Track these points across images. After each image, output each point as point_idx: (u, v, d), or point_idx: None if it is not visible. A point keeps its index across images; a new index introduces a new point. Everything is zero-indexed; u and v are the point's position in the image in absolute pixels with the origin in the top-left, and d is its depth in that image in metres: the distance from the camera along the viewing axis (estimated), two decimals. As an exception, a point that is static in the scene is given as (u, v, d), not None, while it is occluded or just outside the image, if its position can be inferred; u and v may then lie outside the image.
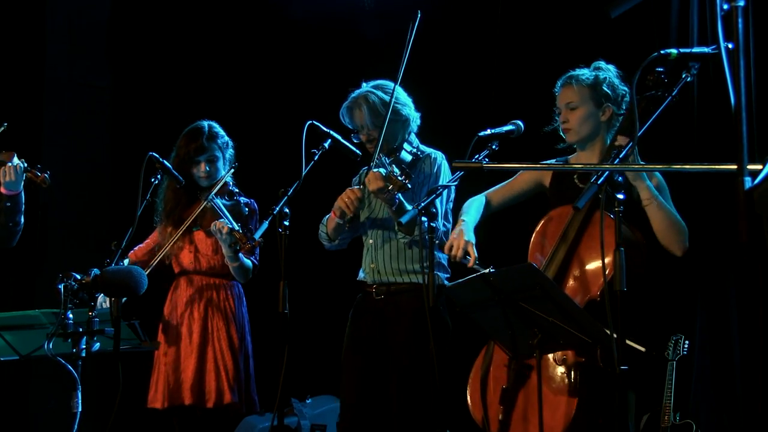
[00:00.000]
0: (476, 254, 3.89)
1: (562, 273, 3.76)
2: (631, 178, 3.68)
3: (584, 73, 4.00)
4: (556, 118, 4.06)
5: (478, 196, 4.19)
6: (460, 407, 4.15)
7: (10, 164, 4.78)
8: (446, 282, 4.35)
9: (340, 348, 4.52)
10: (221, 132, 4.93)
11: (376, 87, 4.48)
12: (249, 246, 4.50)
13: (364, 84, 4.51)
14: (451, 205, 4.43)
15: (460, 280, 3.61)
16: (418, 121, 4.51)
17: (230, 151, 4.94)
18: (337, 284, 4.70)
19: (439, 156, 4.47)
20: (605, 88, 3.95)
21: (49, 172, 4.90)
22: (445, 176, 4.42)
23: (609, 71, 4.00)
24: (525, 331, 3.55)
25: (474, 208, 4.13)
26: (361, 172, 4.73)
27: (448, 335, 4.29)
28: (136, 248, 4.96)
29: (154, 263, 4.74)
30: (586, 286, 3.68)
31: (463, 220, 4.03)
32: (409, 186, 4.08)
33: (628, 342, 3.43)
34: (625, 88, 3.97)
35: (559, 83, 4.05)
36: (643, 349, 3.46)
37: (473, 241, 3.94)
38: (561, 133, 4.06)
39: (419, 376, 4.23)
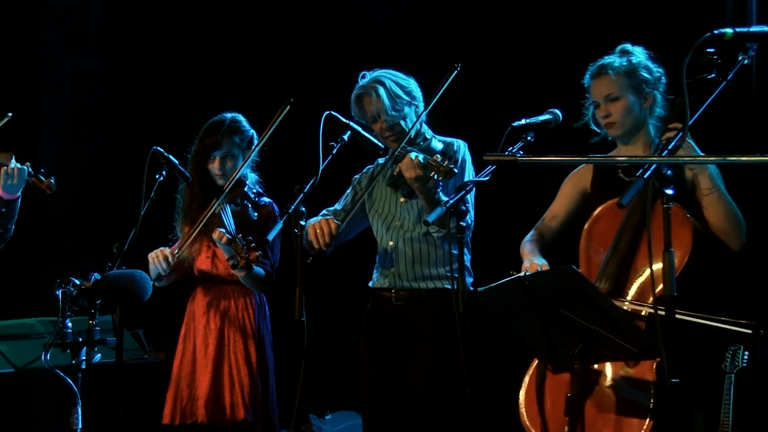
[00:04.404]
0: None
1: (624, 274, 3.73)
2: (691, 165, 3.65)
3: (615, 59, 3.96)
4: (586, 112, 4.02)
5: (528, 234, 4.17)
6: (490, 420, 4.13)
7: (13, 165, 4.79)
8: (471, 287, 4.33)
9: (359, 359, 4.51)
10: (245, 126, 4.89)
11: (383, 72, 4.48)
12: (244, 261, 4.45)
13: (366, 73, 4.49)
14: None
15: (493, 284, 3.58)
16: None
17: (253, 147, 4.90)
18: (358, 290, 4.67)
19: (462, 144, 4.46)
20: (643, 73, 3.91)
21: (54, 178, 4.91)
22: (469, 166, 4.42)
23: (639, 54, 3.97)
24: (564, 340, 3.52)
25: (529, 244, 4.11)
26: (365, 170, 4.70)
27: (473, 344, 4.27)
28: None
29: (173, 262, 4.74)
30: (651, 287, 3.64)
31: (528, 252, 4.02)
32: (456, 171, 4.05)
33: (724, 326, 3.41)
34: (660, 70, 3.94)
35: (588, 74, 4.02)
36: (749, 331, 3.42)
37: (546, 262, 3.92)
38: (594, 128, 4.02)
39: (445, 387, 4.24)
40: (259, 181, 4.96)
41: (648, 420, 3.54)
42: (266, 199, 4.87)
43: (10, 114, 4.88)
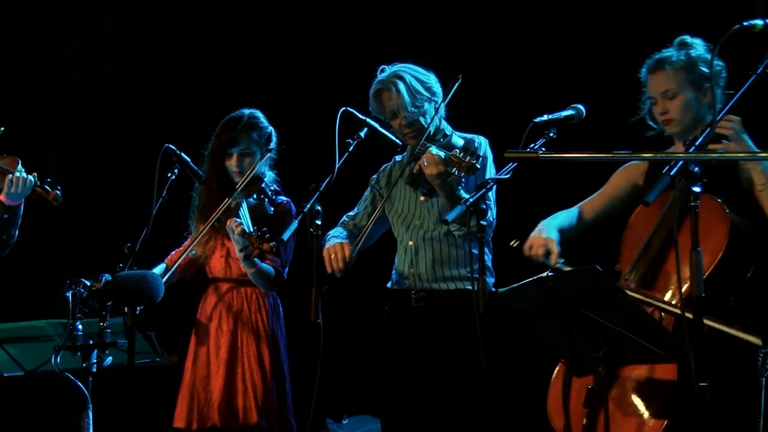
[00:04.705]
0: (559, 250, 3.84)
1: (654, 274, 3.71)
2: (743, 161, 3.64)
3: (673, 54, 3.90)
4: (642, 107, 3.97)
5: (570, 208, 4.14)
6: (512, 425, 4.11)
7: (19, 175, 4.80)
8: (492, 288, 4.33)
9: (377, 362, 4.51)
10: (262, 123, 4.91)
11: (403, 66, 4.48)
12: (258, 251, 4.47)
13: (385, 67, 4.49)
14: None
15: (514, 285, 3.58)
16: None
17: (271, 145, 4.91)
18: (375, 290, 4.68)
19: (483, 141, 4.46)
20: (702, 68, 3.84)
21: (60, 188, 4.93)
22: (490, 163, 4.42)
23: (698, 47, 3.90)
24: (588, 343, 3.52)
25: (561, 214, 4.07)
26: (383, 168, 4.70)
27: (495, 346, 4.27)
28: (172, 252, 4.98)
29: (179, 261, 4.75)
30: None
31: (543, 221, 3.99)
32: (479, 166, 4.06)
33: (737, 333, 3.40)
34: (721, 63, 3.85)
35: (645, 69, 3.96)
36: (758, 341, 3.41)
37: (555, 237, 3.89)
38: (651, 123, 3.98)
39: (466, 391, 4.24)
40: (276, 179, 4.97)
41: (664, 420, 3.52)
42: (283, 198, 4.89)
43: (2, 128, 4.90)
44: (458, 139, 4.46)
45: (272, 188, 4.86)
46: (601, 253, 3.94)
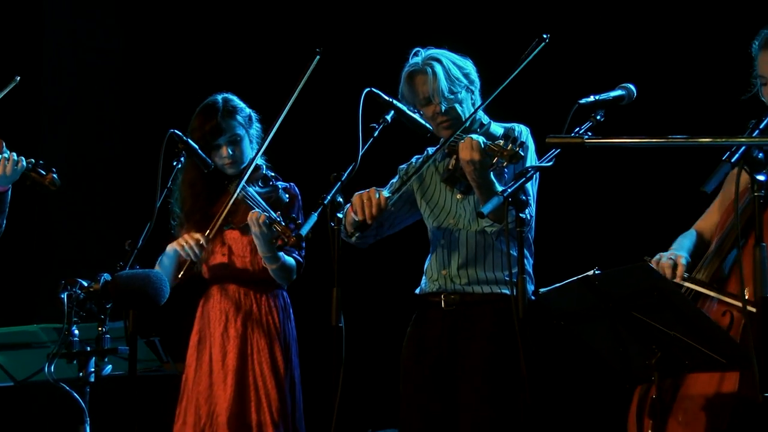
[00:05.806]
0: (685, 264, 3.80)
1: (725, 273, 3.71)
2: None
3: None
4: (754, 82, 3.92)
5: (688, 231, 4.12)
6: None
7: (7, 155, 4.80)
8: (532, 296, 4.31)
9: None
10: (240, 105, 4.94)
11: (439, 50, 4.47)
12: (294, 239, 4.49)
13: (420, 50, 4.47)
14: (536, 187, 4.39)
15: (557, 285, 3.56)
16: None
17: (256, 126, 4.94)
18: (403, 292, 4.68)
19: (524, 129, 4.45)
20: None
21: (56, 170, 4.93)
22: (532, 153, 4.40)
23: None
24: (640, 349, 3.51)
25: (684, 235, 4.04)
26: (413, 160, 4.68)
27: (535, 358, 4.26)
28: None
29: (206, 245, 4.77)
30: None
31: (673, 246, 3.97)
32: (522, 153, 4.04)
33: None
34: None
35: (756, 45, 3.89)
36: None
37: (684, 254, 3.85)
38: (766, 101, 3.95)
39: (500, 407, 4.24)
40: (267, 165, 4.97)
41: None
42: (283, 183, 4.90)
43: (18, 78, 4.90)
44: (497, 128, 4.45)
45: (271, 174, 4.88)
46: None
